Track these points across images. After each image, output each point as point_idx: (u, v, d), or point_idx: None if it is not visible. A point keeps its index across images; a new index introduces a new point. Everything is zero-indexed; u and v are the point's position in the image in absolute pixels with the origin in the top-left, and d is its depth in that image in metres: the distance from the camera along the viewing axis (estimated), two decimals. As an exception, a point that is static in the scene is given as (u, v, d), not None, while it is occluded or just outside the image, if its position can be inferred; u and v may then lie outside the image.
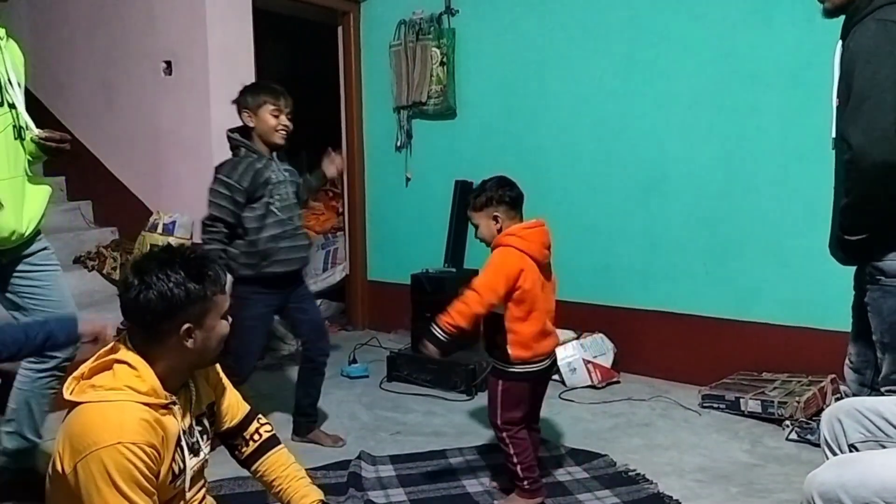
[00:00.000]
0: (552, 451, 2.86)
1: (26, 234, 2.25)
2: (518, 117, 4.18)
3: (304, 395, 3.05)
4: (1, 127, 2.15)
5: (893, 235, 1.85)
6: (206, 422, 1.70)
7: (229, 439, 1.83)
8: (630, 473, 2.66)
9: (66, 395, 1.51)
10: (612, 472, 2.69)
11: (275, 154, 2.82)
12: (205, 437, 1.68)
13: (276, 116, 2.75)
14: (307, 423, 3.05)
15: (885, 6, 1.80)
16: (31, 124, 2.25)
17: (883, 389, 1.89)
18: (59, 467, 1.48)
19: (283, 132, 2.78)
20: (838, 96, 1.92)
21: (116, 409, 1.46)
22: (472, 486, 2.60)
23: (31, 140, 2.24)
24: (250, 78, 4.12)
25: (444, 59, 4.32)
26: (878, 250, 1.88)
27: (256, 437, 1.83)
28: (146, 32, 4.21)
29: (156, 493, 1.50)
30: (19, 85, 2.24)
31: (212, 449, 1.72)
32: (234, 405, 1.82)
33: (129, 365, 1.52)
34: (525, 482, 2.39)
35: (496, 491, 2.56)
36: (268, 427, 1.86)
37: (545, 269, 2.39)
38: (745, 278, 3.54)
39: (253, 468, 1.83)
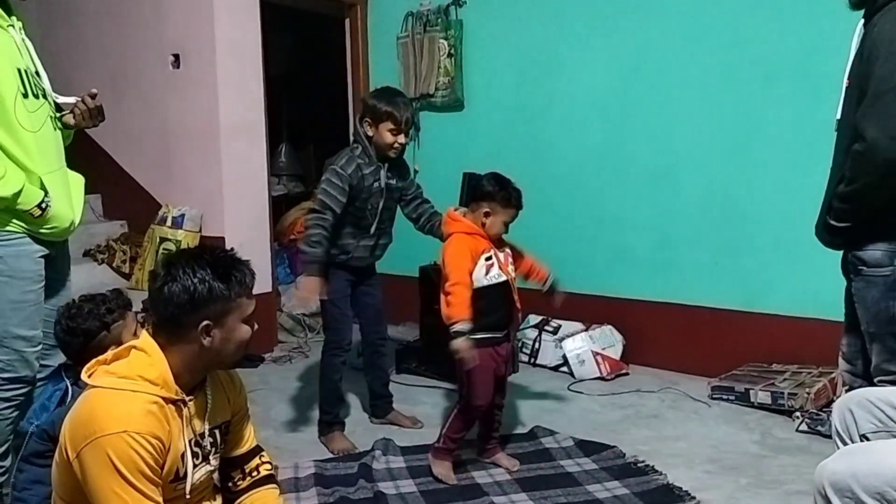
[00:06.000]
0: (561, 443, 2.86)
1: (77, 222, 2.25)
2: (526, 109, 4.16)
3: (375, 378, 3.15)
4: (42, 118, 2.12)
5: (878, 227, 1.85)
6: (218, 435, 1.70)
7: (229, 469, 1.79)
8: (639, 464, 2.66)
9: (84, 377, 1.54)
10: (622, 463, 2.68)
11: (386, 162, 2.84)
12: (214, 449, 1.68)
13: (395, 135, 2.77)
14: (383, 404, 3.16)
15: None
16: (70, 98, 2.22)
17: (875, 380, 1.88)
18: (64, 454, 1.49)
19: (398, 150, 2.82)
20: (849, 77, 1.90)
21: (125, 398, 1.47)
22: (482, 476, 2.61)
23: (76, 106, 2.20)
24: (258, 71, 4.14)
25: (452, 51, 4.31)
26: (860, 240, 1.88)
27: (255, 473, 1.80)
28: (154, 26, 4.21)
29: (161, 483, 1.51)
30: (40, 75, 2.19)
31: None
32: (247, 435, 1.82)
33: (145, 352, 1.54)
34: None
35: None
36: (268, 466, 1.84)
37: None
38: (755, 270, 3.52)
39: (238, 501, 1.79)
